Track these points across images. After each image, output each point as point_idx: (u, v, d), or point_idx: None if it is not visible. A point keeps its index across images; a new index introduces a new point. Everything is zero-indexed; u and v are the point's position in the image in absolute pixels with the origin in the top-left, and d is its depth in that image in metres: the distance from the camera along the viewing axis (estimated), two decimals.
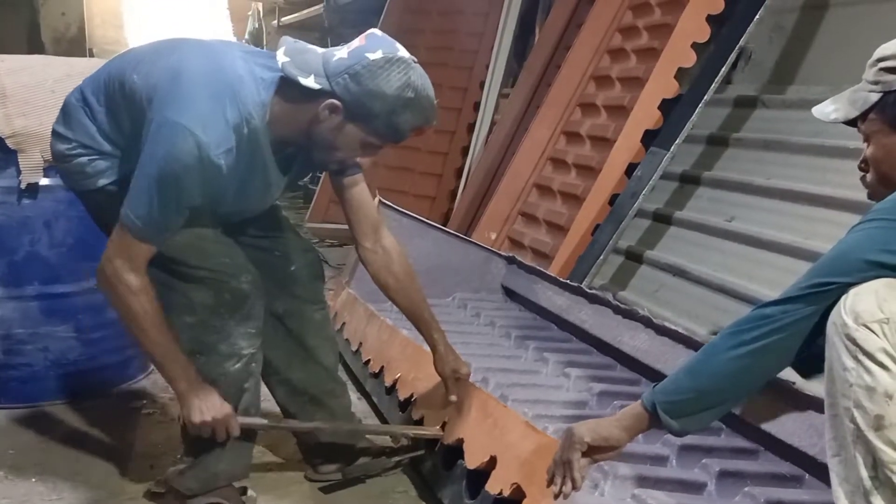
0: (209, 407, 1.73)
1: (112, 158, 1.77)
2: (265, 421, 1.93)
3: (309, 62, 1.63)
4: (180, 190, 1.61)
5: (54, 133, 1.83)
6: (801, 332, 1.30)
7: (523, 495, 1.60)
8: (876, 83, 1.36)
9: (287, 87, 1.65)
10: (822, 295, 1.27)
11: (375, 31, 1.68)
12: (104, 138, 1.76)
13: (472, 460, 1.80)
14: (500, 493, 1.65)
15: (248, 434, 1.89)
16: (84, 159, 1.78)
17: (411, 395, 2.17)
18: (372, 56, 1.60)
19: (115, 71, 1.75)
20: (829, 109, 1.45)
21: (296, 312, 2.02)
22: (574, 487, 1.41)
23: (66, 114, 1.82)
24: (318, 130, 1.66)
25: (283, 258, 2.00)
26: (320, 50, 1.68)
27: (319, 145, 1.70)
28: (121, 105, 1.73)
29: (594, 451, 1.42)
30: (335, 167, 1.88)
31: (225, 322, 1.78)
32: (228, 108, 1.61)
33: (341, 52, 1.63)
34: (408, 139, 1.72)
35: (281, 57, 1.64)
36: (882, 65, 1.35)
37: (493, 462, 1.73)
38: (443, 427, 1.98)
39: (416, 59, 1.66)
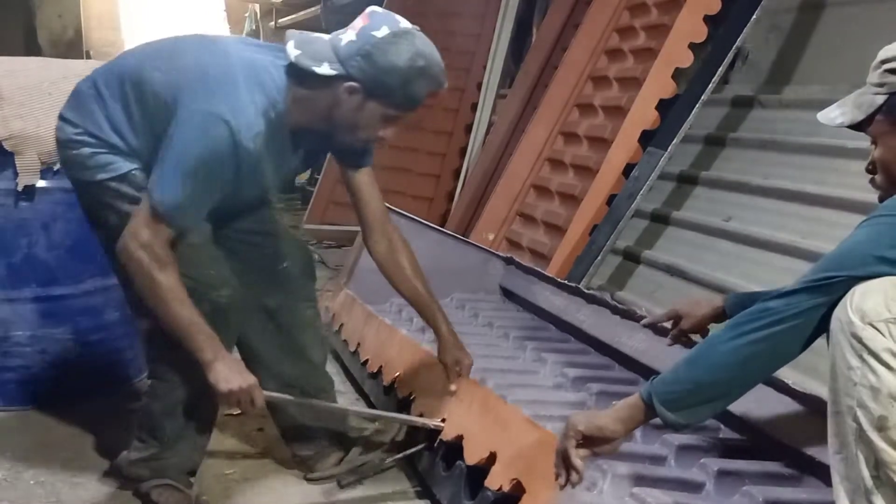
0: (235, 377, 1.76)
1: (115, 153, 1.79)
2: (290, 396, 1.99)
3: (319, 51, 1.70)
4: (214, 177, 1.68)
5: (62, 118, 1.86)
6: (803, 326, 1.28)
7: (523, 490, 1.59)
8: (881, 85, 1.35)
9: (300, 76, 1.71)
10: (826, 288, 1.26)
11: (376, 8, 1.74)
12: (113, 130, 1.79)
13: (472, 456, 1.80)
14: (500, 489, 1.65)
15: (204, 430, 1.93)
16: (87, 150, 1.80)
17: (410, 394, 2.17)
18: (378, 34, 1.67)
19: (132, 69, 1.79)
20: (835, 114, 1.43)
21: (287, 308, 2.06)
22: (577, 475, 1.38)
23: (76, 100, 1.85)
24: (339, 113, 1.73)
25: (274, 254, 2.04)
26: (326, 37, 1.74)
27: (342, 127, 1.77)
28: (137, 103, 1.76)
29: (590, 442, 1.39)
30: (360, 146, 1.91)
31: None
32: (256, 94, 1.69)
33: (348, 35, 1.69)
34: (422, 105, 1.78)
35: (292, 50, 1.71)
36: (886, 66, 1.34)
37: (492, 458, 1.73)
38: (442, 422, 1.98)
39: (418, 28, 1.74)
